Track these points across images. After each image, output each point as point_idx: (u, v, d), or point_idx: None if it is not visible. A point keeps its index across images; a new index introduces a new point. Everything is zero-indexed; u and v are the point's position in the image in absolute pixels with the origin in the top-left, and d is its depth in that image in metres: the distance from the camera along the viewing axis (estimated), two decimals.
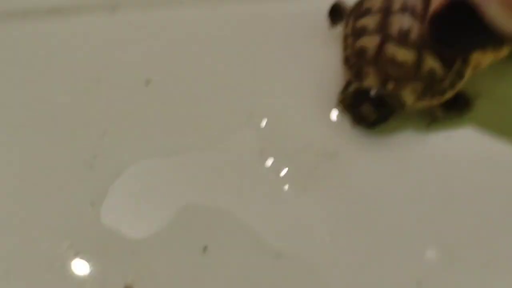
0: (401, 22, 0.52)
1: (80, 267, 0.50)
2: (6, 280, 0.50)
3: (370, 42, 0.53)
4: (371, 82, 0.54)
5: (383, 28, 0.53)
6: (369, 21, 0.54)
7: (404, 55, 0.52)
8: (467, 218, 0.52)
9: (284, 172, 0.54)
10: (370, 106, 0.54)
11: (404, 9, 0.52)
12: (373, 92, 0.54)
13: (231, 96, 0.59)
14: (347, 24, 0.56)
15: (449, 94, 0.53)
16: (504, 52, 0.53)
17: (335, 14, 0.60)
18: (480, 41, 0.47)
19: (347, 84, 0.56)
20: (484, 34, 0.44)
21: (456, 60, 0.52)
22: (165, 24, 0.63)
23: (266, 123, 0.57)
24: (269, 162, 0.55)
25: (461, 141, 0.55)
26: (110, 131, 0.57)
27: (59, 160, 0.56)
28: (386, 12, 0.53)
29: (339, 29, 0.58)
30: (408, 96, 0.53)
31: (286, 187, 0.54)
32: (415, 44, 0.52)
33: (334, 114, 0.57)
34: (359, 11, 0.56)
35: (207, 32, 0.63)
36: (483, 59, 0.53)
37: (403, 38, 0.52)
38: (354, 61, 0.55)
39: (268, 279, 0.50)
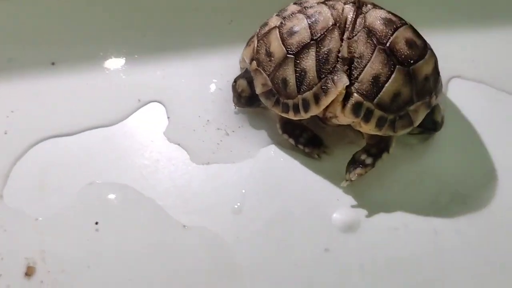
0: (298, 22, 0.51)
1: None
2: None
3: (273, 21, 0.54)
4: (247, 53, 0.55)
5: (286, 16, 0.53)
6: (291, 8, 0.54)
7: (277, 48, 0.52)
8: None
9: (188, 146, 0.55)
10: (244, 80, 0.55)
11: (311, 16, 0.51)
12: (241, 66, 0.55)
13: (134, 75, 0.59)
14: None
15: (290, 115, 0.51)
16: (370, 128, 0.50)
17: None
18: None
19: None
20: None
21: (310, 90, 0.50)
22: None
23: (171, 102, 0.58)
24: (173, 136, 0.55)
25: None
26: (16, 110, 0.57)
27: None
28: (303, 11, 0.52)
29: None
30: (258, 86, 0.53)
31: (190, 162, 0.54)
32: (292, 47, 0.51)
33: None
34: None
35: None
36: (341, 116, 0.50)
37: (287, 36, 0.51)
38: (257, 32, 0.55)
39: (176, 248, 0.50)
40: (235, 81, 0.56)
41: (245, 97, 0.55)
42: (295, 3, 0.55)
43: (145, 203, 0.52)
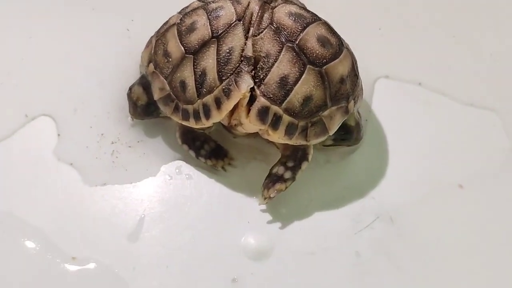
0: (197, 18, 0.46)
1: None
2: None
3: (173, 19, 0.48)
4: (145, 55, 0.49)
5: (186, 13, 0.47)
6: (193, 5, 0.48)
7: (174, 47, 0.46)
8: None
9: (81, 165, 0.48)
10: (140, 87, 0.48)
11: (212, 11, 0.46)
12: (141, 70, 0.49)
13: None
14: None
15: (192, 123, 0.45)
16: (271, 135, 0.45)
17: None
18: None
19: None
20: None
21: (210, 94, 0.44)
22: None
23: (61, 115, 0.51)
24: (65, 155, 0.49)
25: None
26: None
27: None
28: (204, 6, 0.46)
29: None
30: (156, 91, 0.47)
31: (83, 183, 0.48)
32: (191, 45, 0.45)
33: None
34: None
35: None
36: (247, 123, 0.45)
37: (186, 33, 0.45)
38: (156, 31, 0.49)
39: (63, 283, 0.45)
40: (130, 88, 0.49)
41: (142, 106, 0.48)
42: (199, 0, 0.49)
43: (30, 231, 0.46)
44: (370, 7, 0.58)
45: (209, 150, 0.49)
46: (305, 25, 0.45)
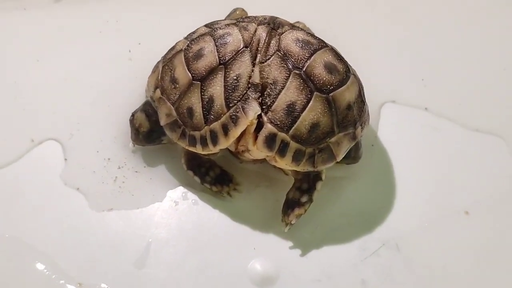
0: (204, 45, 0.46)
1: None
2: None
3: (179, 45, 0.48)
4: (152, 80, 0.49)
5: (193, 39, 0.47)
6: (200, 30, 0.48)
7: (181, 73, 0.46)
8: None
9: (87, 190, 0.49)
10: (143, 113, 0.49)
11: (219, 38, 0.46)
12: (147, 95, 0.49)
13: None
14: None
15: (198, 150, 0.45)
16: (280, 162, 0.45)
17: None
18: None
19: None
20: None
21: (218, 120, 0.44)
22: None
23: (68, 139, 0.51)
24: (71, 180, 0.49)
25: None
26: None
27: None
28: (211, 32, 0.46)
29: None
30: (162, 117, 0.47)
31: (89, 209, 0.48)
32: (198, 71, 0.45)
33: None
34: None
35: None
36: (254, 149, 0.45)
37: (193, 60, 0.45)
38: (163, 56, 0.49)
39: None
40: (132, 115, 0.49)
41: (144, 133, 0.49)
42: (205, 25, 0.49)
43: (37, 256, 0.46)
44: (376, 33, 0.58)
45: (214, 176, 0.49)
46: (312, 51, 0.45)
